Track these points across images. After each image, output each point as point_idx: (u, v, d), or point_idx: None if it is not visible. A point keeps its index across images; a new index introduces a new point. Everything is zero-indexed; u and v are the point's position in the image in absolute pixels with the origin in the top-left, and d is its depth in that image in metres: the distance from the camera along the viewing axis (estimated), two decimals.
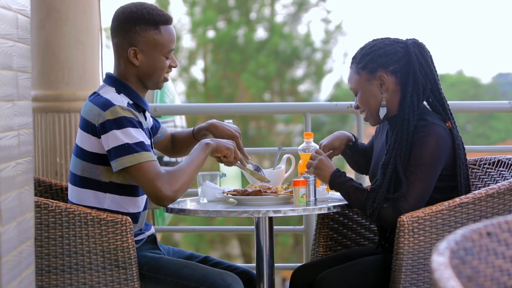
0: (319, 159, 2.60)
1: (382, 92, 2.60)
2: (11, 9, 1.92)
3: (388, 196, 2.48)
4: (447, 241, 1.39)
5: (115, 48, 2.61)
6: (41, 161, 3.57)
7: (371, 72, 2.60)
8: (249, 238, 13.22)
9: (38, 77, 3.60)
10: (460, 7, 35.82)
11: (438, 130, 2.51)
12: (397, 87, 2.60)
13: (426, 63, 2.58)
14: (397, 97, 2.60)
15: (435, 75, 2.60)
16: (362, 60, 2.62)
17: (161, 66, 2.58)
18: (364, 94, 2.62)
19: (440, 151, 2.49)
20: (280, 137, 15.49)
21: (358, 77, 2.63)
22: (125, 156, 2.41)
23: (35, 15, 3.56)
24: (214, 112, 4.34)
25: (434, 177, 2.50)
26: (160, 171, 2.42)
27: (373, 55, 2.60)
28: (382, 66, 2.59)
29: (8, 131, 1.89)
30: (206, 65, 16.01)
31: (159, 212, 4.07)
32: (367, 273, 2.58)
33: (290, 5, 16.52)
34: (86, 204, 2.54)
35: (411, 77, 2.57)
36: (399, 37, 2.66)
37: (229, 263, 2.76)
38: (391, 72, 2.59)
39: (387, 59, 2.59)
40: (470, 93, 19.18)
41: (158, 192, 2.40)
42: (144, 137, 2.46)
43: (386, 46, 2.61)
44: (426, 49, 2.61)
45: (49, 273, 2.46)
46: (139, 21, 2.55)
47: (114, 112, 2.44)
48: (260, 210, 2.46)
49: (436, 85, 2.60)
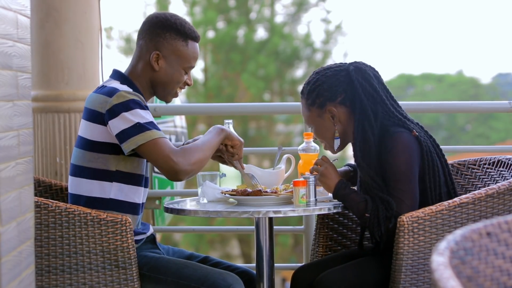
0: (326, 166, 2.60)
1: (334, 124, 2.63)
2: (11, 9, 1.92)
3: (388, 214, 2.48)
4: (447, 241, 1.39)
5: (138, 49, 2.64)
6: (41, 161, 3.57)
7: (320, 107, 2.63)
8: (249, 238, 13.23)
9: (38, 77, 3.60)
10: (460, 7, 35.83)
11: (402, 137, 2.52)
12: (350, 116, 2.62)
13: (370, 86, 2.59)
14: (351, 125, 2.61)
15: (382, 95, 2.59)
16: (309, 97, 2.65)
17: (177, 78, 2.62)
18: (318, 128, 2.67)
19: (411, 156, 2.51)
20: (280, 137, 15.50)
21: (309, 113, 2.67)
22: (138, 134, 2.42)
23: (35, 15, 3.56)
24: (214, 112, 4.34)
25: (415, 181, 2.52)
26: (174, 147, 2.45)
27: (318, 90, 2.62)
28: (329, 100, 2.62)
29: (8, 131, 1.89)
30: (206, 65, 16.01)
31: (159, 212, 4.07)
32: (367, 273, 2.58)
33: (290, 5, 16.53)
34: (92, 195, 2.54)
35: (357, 104, 2.58)
36: (341, 63, 2.66)
37: (229, 263, 2.76)
38: (339, 104, 2.62)
39: (332, 92, 2.61)
40: (470, 93, 19.17)
41: (174, 165, 2.41)
42: (152, 118, 2.49)
43: (328, 79, 2.62)
44: (367, 72, 2.61)
45: (49, 273, 2.46)
46: (170, 28, 2.61)
47: (120, 96, 2.47)
48: (260, 210, 2.46)
49: (385, 105, 2.59)
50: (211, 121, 13.60)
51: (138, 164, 2.57)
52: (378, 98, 2.59)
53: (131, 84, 2.59)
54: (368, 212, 2.50)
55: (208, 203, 2.68)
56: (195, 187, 2.92)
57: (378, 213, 2.48)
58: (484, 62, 34.73)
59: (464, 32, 35.49)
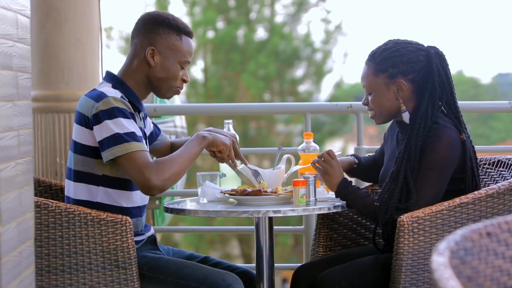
0: (331, 164, 2.59)
1: (397, 98, 2.59)
2: (11, 9, 1.92)
3: (400, 206, 2.48)
4: (447, 241, 1.39)
5: (133, 48, 2.64)
6: (41, 161, 3.57)
7: (390, 77, 2.58)
8: (249, 238, 13.22)
9: (38, 77, 3.60)
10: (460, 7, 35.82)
11: (449, 133, 2.50)
12: (413, 95, 2.58)
13: (445, 76, 2.57)
14: (411, 104, 2.59)
15: (452, 88, 2.59)
16: (382, 63, 2.59)
17: (174, 73, 2.62)
18: (379, 97, 2.61)
19: (451, 154, 2.49)
20: (280, 137, 15.49)
21: (375, 79, 2.60)
22: (116, 146, 2.41)
23: (35, 15, 3.55)
24: (214, 112, 4.34)
25: (445, 181, 2.49)
26: (149, 161, 2.42)
27: (395, 61, 2.58)
28: (402, 73, 2.57)
29: (8, 131, 1.89)
30: (206, 65, 16.00)
31: (159, 212, 4.07)
32: (367, 273, 2.58)
33: (290, 5, 16.51)
34: (80, 198, 2.55)
35: (429, 88, 2.55)
36: (419, 42, 2.62)
37: (229, 263, 2.76)
38: (409, 80, 2.58)
39: (409, 67, 2.57)
40: (470, 93, 19.17)
41: (146, 181, 2.39)
42: (135, 128, 2.47)
43: (409, 53, 2.58)
44: (446, 60, 2.60)
45: (49, 273, 2.46)
46: (163, 23, 2.62)
47: (107, 103, 2.46)
48: (260, 210, 2.46)
49: (452, 98, 2.59)
50: (211, 121, 13.59)
51: None
52: (448, 89, 2.58)
53: (123, 85, 2.59)
54: (379, 200, 2.49)
55: (208, 203, 2.68)
56: (195, 187, 2.92)
57: (390, 200, 2.48)
58: (484, 62, 34.73)
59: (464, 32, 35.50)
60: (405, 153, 2.51)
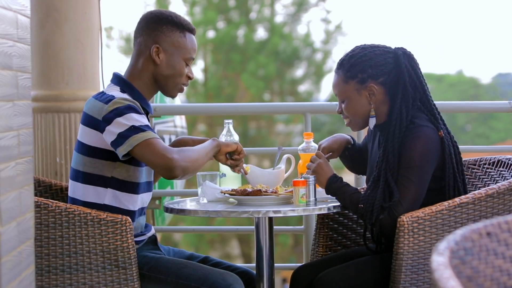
0: (318, 163, 2.60)
1: (370, 103, 2.59)
2: (11, 9, 1.92)
3: (384, 205, 2.48)
4: (447, 241, 1.39)
5: (137, 47, 2.65)
6: (41, 161, 3.57)
7: (361, 82, 2.59)
8: (249, 238, 13.22)
9: (38, 77, 3.60)
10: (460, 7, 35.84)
11: (426, 131, 2.50)
12: (385, 98, 2.59)
13: (416, 75, 2.58)
14: (385, 106, 2.59)
15: (424, 86, 2.59)
16: (351, 69, 2.59)
17: (179, 70, 2.63)
18: (352, 103, 2.61)
19: (429, 151, 2.49)
20: (280, 137, 15.50)
21: (346, 86, 2.61)
22: (132, 136, 2.41)
23: (35, 15, 3.56)
24: (214, 112, 4.34)
25: (426, 179, 2.49)
26: (168, 146, 2.44)
27: (364, 65, 2.58)
28: (372, 77, 2.58)
29: (8, 131, 1.89)
30: (206, 65, 16.01)
31: (159, 212, 4.07)
32: (367, 273, 2.58)
33: (290, 5, 16.52)
34: (86, 199, 2.54)
35: (401, 89, 2.55)
36: (386, 45, 2.64)
37: (229, 263, 2.76)
38: (380, 84, 2.58)
39: (378, 70, 2.58)
40: (470, 93, 19.17)
41: (169, 161, 2.39)
42: (148, 123, 2.49)
43: (376, 56, 2.58)
44: (415, 60, 2.60)
45: (49, 273, 2.46)
46: (166, 21, 2.63)
47: (116, 103, 2.47)
48: (260, 210, 2.46)
49: (426, 96, 2.59)
50: (211, 121, 13.60)
51: (134, 172, 2.56)
52: (420, 88, 2.58)
53: (131, 88, 2.60)
54: (362, 202, 2.50)
55: (208, 203, 2.68)
56: (195, 187, 2.93)
57: (374, 202, 2.48)
58: (484, 62, 34.74)
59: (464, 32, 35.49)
60: (384, 157, 2.52)
